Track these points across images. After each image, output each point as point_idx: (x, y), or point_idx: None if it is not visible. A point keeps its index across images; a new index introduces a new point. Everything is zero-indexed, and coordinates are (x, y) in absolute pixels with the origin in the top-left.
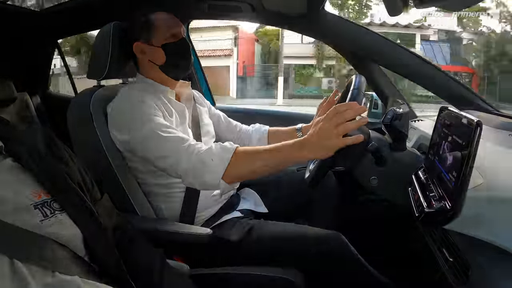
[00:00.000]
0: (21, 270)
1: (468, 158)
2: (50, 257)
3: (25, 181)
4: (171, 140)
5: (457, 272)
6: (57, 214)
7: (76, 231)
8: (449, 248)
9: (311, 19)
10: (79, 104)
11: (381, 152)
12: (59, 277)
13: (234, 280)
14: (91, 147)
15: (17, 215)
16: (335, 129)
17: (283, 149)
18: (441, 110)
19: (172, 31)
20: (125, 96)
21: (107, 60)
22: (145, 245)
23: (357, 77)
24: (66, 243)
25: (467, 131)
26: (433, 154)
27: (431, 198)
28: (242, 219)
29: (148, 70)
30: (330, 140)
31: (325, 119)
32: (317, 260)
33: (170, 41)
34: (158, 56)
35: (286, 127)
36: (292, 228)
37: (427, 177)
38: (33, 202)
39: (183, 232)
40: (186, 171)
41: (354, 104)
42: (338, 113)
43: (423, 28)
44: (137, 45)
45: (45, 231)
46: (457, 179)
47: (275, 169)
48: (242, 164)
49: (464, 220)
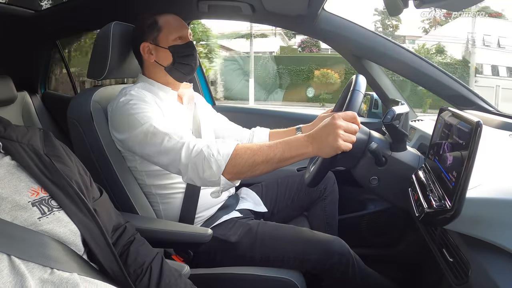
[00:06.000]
0: (19, 267)
1: (468, 158)
2: (48, 254)
3: (23, 179)
4: (171, 136)
5: (457, 272)
6: (55, 211)
7: (74, 228)
8: (449, 248)
9: (311, 19)
10: (79, 104)
11: (381, 152)
12: (58, 274)
13: (234, 280)
14: (91, 146)
15: (15, 213)
16: (341, 131)
17: (284, 144)
18: (441, 110)
19: (180, 33)
20: (126, 96)
21: (107, 60)
22: (145, 245)
23: (357, 77)
24: (64, 240)
25: (467, 131)
26: (433, 154)
27: (431, 198)
28: (241, 219)
29: (153, 70)
30: (335, 140)
31: (333, 118)
32: (317, 262)
33: (178, 43)
34: (165, 58)
35: (286, 127)
36: (292, 231)
37: (427, 177)
38: (31, 199)
39: (183, 232)
40: (186, 167)
41: (357, 120)
42: (346, 117)
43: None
44: (144, 45)
45: (43, 228)
46: (457, 179)
47: (275, 166)
48: (243, 160)
49: (464, 220)
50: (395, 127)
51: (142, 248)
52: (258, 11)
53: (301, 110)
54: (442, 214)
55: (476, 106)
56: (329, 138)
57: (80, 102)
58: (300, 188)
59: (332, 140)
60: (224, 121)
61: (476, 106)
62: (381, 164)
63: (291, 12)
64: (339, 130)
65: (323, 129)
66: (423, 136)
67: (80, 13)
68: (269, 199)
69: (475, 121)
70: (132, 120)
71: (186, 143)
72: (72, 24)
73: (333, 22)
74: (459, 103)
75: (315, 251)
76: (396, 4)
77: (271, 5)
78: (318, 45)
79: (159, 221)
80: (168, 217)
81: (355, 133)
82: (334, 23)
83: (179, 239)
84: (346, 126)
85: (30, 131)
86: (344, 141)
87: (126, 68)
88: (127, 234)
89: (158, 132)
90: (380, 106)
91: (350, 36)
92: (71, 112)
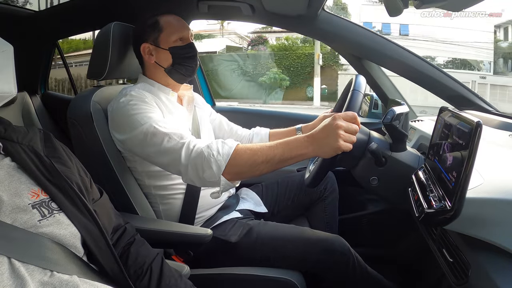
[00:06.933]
0: (20, 270)
1: (468, 158)
2: (48, 256)
3: (23, 181)
4: (171, 136)
5: (457, 272)
6: (55, 213)
7: (74, 230)
8: (449, 248)
9: (311, 20)
10: (79, 104)
11: (381, 152)
12: (58, 276)
13: (234, 281)
14: (91, 147)
15: (15, 215)
16: (341, 131)
17: (284, 145)
18: (441, 110)
19: (181, 34)
20: (126, 97)
21: (107, 60)
22: (145, 245)
23: (357, 77)
24: (64, 242)
25: (467, 131)
26: (433, 154)
27: (431, 198)
28: (241, 220)
29: (153, 71)
30: (335, 141)
31: (334, 119)
32: (317, 261)
33: (178, 45)
34: (165, 59)
35: (286, 127)
36: (292, 230)
37: (427, 177)
38: (31, 202)
39: (183, 233)
40: (186, 167)
41: (357, 120)
42: (347, 118)
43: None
44: (145, 46)
45: (43, 231)
46: (457, 179)
47: (276, 166)
48: (243, 160)
49: (464, 220)
50: (395, 127)
51: (142, 248)
52: (258, 12)
53: (301, 110)
54: (442, 215)
55: (476, 106)
56: (329, 139)
57: (80, 102)
58: (300, 188)
59: (332, 140)
60: (224, 121)
61: (476, 106)
62: (381, 164)
63: (291, 12)
64: (339, 130)
65: (323, 129)
66: (423, 136)
67: (80, 13)
68: (269, 199)
69: (475, 121)
70: (132, 121)
71: (186, 143)
72: (72, 24)
73: (333, 22)
74: (459, 103)
75: (315, 249)
76: (396, 4)
77: (271, 5)
78: (267, 43)
79: (159, 222)
80: (168, 217)
81: (355, 134)
82: (334, 23)
83: (179, 240)
84: (346, 126)
85: (31, 132)
86: (344, 141)
87: (126, 68)
88: (127, 235)
89: (158, 133)
90: (380, 106)
91: (349, 36)
92: (71, 113)
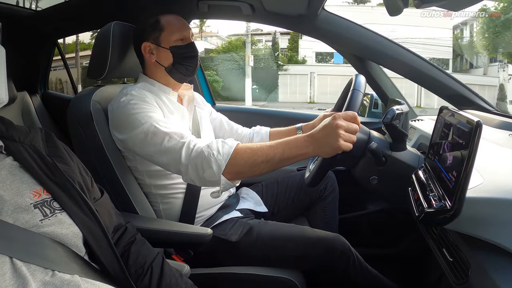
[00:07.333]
0: (21, 270)
1: (468, 158)
2: (50, 256)
3: (25, 181)
4: (171, 135)
5: (457, 271)
6: (57, 213)
7: (76, 230)
8: (449, 247)
9: (311, 19)
10: (79, 103)
11: (381, 152)
12: (59, 276)
13: (234, 280)
14: (91, 146)
15: (17, 215)
16: (342, 131)
17: (284, 144)
18: (441, 110)
19: (182, 34)
20: (126, 96)
21: (107, 60)
22: (145, 245)
23: (357, 77)
24: (66, 242)
25: (467, 131)
26: (433, 154)
27: (431, 198)
28: (242, 219)
29: (154, 70)
30: (335, 140)
31: (334, 118)
32: (318, 260)
33: (179, 44)
34: (166, 58)
35: (287, 126)
36: (292, 229)
37: (427, 177)
38: (33, 201)
39: (184, 232)
40: (186, 167)
41: (358, 120)
42: (347, 117)
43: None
44: (146, 45)
45: (44, 230)
46: (457, 179)
47: (276, 165)
48: (243, 159)
49: (464, 220)
50: (395, 127)
51: (143, 248)
52: (258, 11)
53: (301, 110)
54: (442, 214)
55: (475, 106)
56: (329, 138)
57: (80, 102)
58: (300, 188)
59: (332, 140)
60: (224, 120)
61: (476, 105)
62: (381, 164)
63: (291, 12)
64: (340, 130)
65: (324, 129)
66: (423, 135)
67: (80, 13)
68: (269, 198)
69: (475, 120)
70: (133, 120)
71: (187, 143)
72: (72, 24)
73: (333, 22)
74: (459, 102)
75: (316, 248)
76: (396, 4)
77: (271, 5)
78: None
79: (159, 221)
80: (168, 217)
81: (355, 133)
82: (334, 23)
83: (179, 239)
84: (347, 126)
85: (32, 132)
86: (345, 141)
87: (126, 68)
88: (128, 234)
89: (159, 132)
90: (380, 106)
91: (350, 36)
92: (71, 112)
